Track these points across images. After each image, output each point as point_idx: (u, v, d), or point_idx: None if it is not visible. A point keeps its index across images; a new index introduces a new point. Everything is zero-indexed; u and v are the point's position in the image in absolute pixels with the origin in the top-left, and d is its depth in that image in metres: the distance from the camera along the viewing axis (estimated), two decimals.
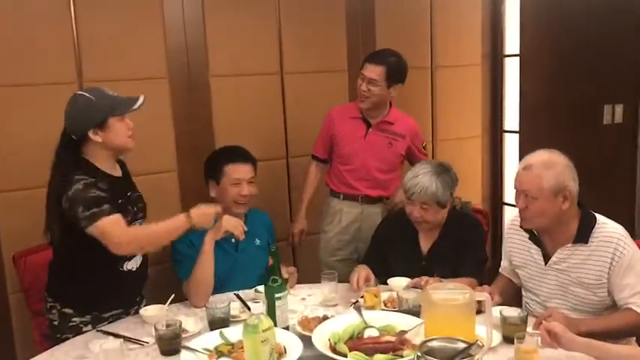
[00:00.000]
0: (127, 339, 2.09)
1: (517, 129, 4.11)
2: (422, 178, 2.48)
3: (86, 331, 2.22)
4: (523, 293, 2.38)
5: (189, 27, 3.27)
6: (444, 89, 4.17)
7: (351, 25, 3.75)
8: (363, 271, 2.39)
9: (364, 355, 1.77)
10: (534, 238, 2.25)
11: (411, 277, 2.44)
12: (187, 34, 3.27)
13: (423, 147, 3.21)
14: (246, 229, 2.39)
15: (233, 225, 2.34)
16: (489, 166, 4.50)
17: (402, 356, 1.74)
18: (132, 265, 2.31)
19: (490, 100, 4.41)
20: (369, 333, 1.93)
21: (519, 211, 2.19)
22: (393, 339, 1.83)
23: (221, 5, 3.33)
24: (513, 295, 2.46)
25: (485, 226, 3.03)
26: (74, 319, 2.24)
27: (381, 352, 1.78)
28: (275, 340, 1.65)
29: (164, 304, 2.28)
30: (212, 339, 1.96)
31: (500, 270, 2.49)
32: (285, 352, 1.84)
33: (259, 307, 1.65)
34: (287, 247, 3.43)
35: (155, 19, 3.17)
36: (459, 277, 2.43)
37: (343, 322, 2.00)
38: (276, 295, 2.04)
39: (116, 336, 2.11)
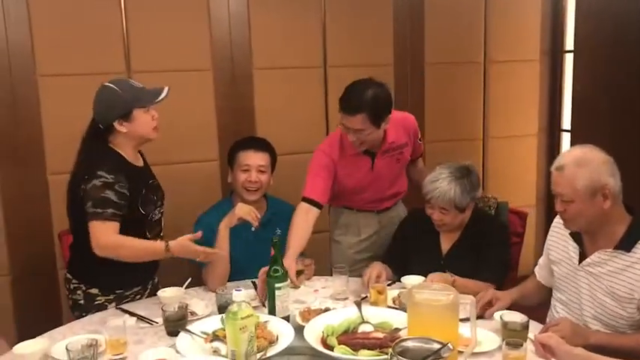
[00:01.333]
0: (139, 317, 2.21)
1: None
2: (441, 183, 2.43)
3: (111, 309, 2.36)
4: (552, 294, 2.27)
5: (234, 20, 3.36)
6: (498, 85, 4.05)
7: (398, 17, 3.72)
8: (375, 269, 2.37)
9: (350, 350, 1.78)
10: (576, 235, 2.12)
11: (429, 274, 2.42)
12: (232, 27, 3.36)
13: (419, 140, 2.88)
14: (259, 216, 2.43)
15: (245, 212, 2.41)
16: (545, 167, 4.32)
17: (387, 353, 1.74)
18: None
19: (548, 97, 4.23)
20: (364, 328, 1.93)
21: (560, 214, 2.08)
22: (381, 336, 1.83)
23: (266, 0, 3.40)
24: (542, 299, 2.36)
25: (521, 228, 2.93)
26: (99, 298, 2.38)
27: (368, 348, 1.79)
28: (254, 329, 1.69)
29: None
30: (213, 323, 2.03)
31: (534, 270, 2.39)
32: (277, 341, 1.89)
33: (241, 295, 1.69)
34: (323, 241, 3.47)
35: (201, 12, 3.29)
36: (477, 278, 2.39)
37: (341, 315, 2.02)
38: (276, 285, 2.09)
39: (131, 314, 2.24)
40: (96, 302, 2.39)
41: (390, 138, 2.68)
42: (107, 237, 2.21)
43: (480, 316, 2.09)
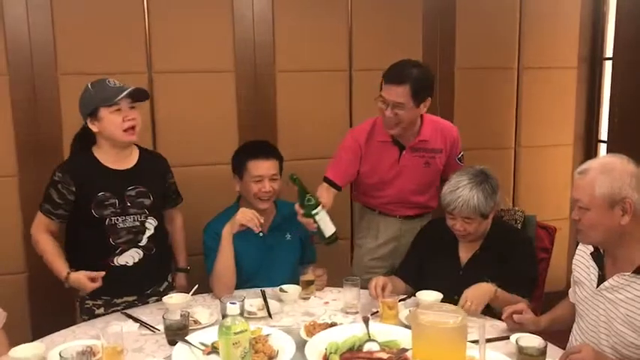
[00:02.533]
0: (142, 324, 2.15)
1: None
2: (462, 191, 2.32)
3: (99, 314, 2.35)
4: (575, 317, 2.11)
5: (258, 21, 3.30)
6: (532, 92, 3.88)
7: (428, 20, 3.59)
8: (380, 279, 2.28)
9: None
10: (596, 255, 1.98)
11: (447, 287, 2.31)
12: (256, 27, 3.30)
13: (459, 158, 2.79)
14: (262, 220, 2.37)
15: (247, 218, 2.34)
16: None
17: None
18: (125, 260, 2.38)
19: (585, 106, 4.04)
20: (369, 347, 1.83)
21: (575, 224, 1.93)
22: (385, 356, 1.72)
23: (290, 1, 3.33)
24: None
25: (549, 244, 2.79)
26: (87, 302, 2.37)
27: None
28: (248, 344, 1.61)
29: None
30: (214, 334, 1.94)
31: (569, 292, 2.21)
32: (277, 356, 1.80)
33: (235, 309, 1.61)
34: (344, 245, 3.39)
35: (224, 13, 3.24)
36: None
37: (347, 332, 1.92)
38: (313, 213, 2.32)
39: (135, 320, 2.19)
40: (85, 305, 2.39)
41: (424, 135, 2.64)
42: (35, 228, 2.40)
43: (497, 338, 1.99)
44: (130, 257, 2.38)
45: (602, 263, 1.95)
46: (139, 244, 2.40)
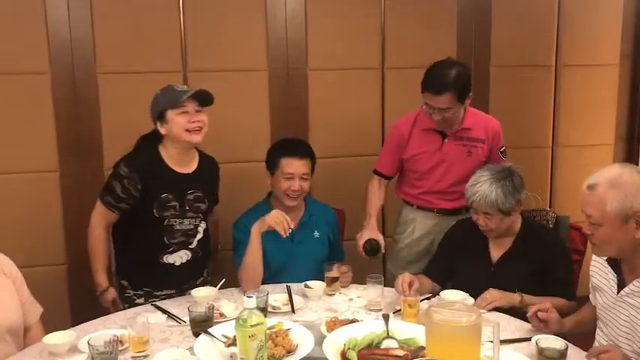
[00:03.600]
0: (169, 315, 2.22)
1: None
2: (481, 186, 2.32)
3: (139, 304, 2.40)
4: (597, 322, 2.08)
5: (291, 20, 3.33)
6: (571, 90, 3.80)
7: (463, 17, 3.57)
8: (407, 276, 2.27)
9: None
10: (612, 262, 1.96)
11: (478, 285, 2.30)
12: (288, 26, 3.34)
13: (502, 152, 2.79)
14: (292, 226, 2.39)
15: (276, 221, 2.36)
16: None
17: None
18: (174, 259, 2.45)
19: (628, 104, 3.93)
20: (388, 344, 1.84)
21: (588, 238, 1.92)
22: (402, 354, 1.73)
23: (323, 0, 3.35)
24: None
25: (582, 245, 2.72)
26: (128, 291, 2.45)
27: None
28: (264, 337, 1.64)
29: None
30: None
31: (590, 297, 2.19)
32: (296, 350, 1.83)
33: (252, 302, 1.64)
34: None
35: (258, 12, 3.29)
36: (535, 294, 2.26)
37: (366, 328, 1.93)
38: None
39: (163, 311, 2.26)
40: (126, 294, 2.46)
41: (467, 123, 2.71)
42: (95, 217, 2.43)
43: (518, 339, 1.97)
44: (178, 257, 2.46)
45: (619, 270, 1.92)
46: (190, 246, 2.48)
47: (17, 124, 3.05)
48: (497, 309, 2.21)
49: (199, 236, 2.50)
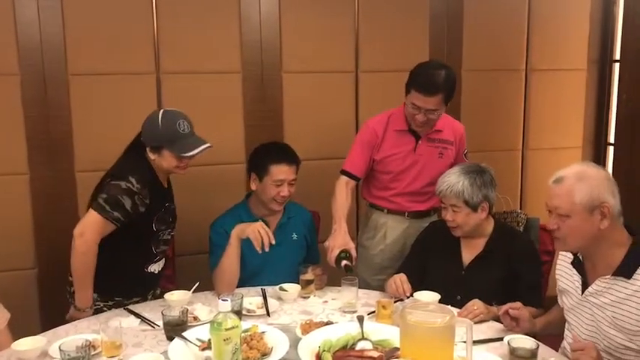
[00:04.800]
0: (143, 319, 2.20)
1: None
2: (450, 177, 2.41)
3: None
4: (565, 324, 2.13)
5: (265, 23, 3.33)
6: (540, 94, 3.88)
7: (435, 22, 3.61)
8: (403, 277, 2.34)
9: None
10: (577, 262, 2.01)
11: (449, 287, 2.33)
12: (263, 29, 3.33)
13: (465, 155, 2.87)
14: (273, 242, 2.37)
15: (255, 236, 2.36)
16: None
17: None
18: (155, 268, 2.49)
19: (595, 108, 4.02)
20: (362, 345, 1.85)
21: (552, 232, 1.95)
22: (376, 355, 1.74)
23: (297, 2, 3.36)
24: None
25: (550, 246, 2.78)
26: (98, 302, 2.40)
27: None
28: (239, 340, 1.64)
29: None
30: None
31: (558, 299, 2.24)
32: (271, 353, 1.83)
33: (227, 306, 1.64)
34: None
35: (232, 14, 3.27)
36: (507, 300, 2.26)
37: (341, 330, 1.94)
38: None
39: (136, 315, 2.24)
40: (95, 307, 2.39)
41: (439, 125, 2.75)
42: (93, 234, 2.25)
43: (491, 339, 2.00)
44: (158, 266, 2.52)
45: (583, 270, 1.97)
46: (166, 253, 2.56)
47: None
48: None
49: (171, 244, 2.59)
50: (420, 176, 2.77)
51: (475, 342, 1.79)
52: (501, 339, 1.98)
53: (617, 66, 3.87)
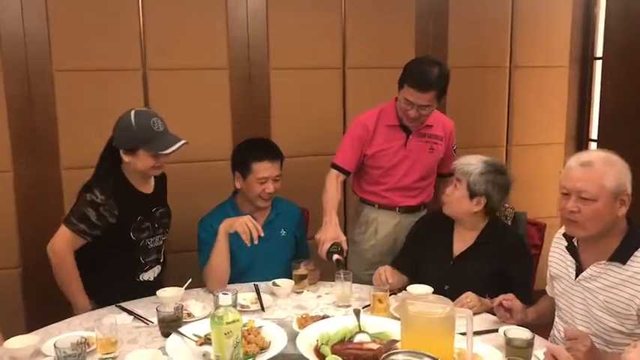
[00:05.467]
0: (136, 316, 2.18)
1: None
2: (472, 159, 2.45)
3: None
4: (555, 311, 2.17)
5: (252, 19, 3.32)
6: (524, 91, 3.93)
7: (421, 19, 3.63)
8: (388, 268, 2.37)
9: (342, 359, 1.71)
10: (571, 248, 2.04)
11: (437, 277, 2.36)
12: (250, 25, 3.32)
13: (454, 150, 2.91)
14: (262, 234, 2.37)
15: (244, 229, 2.36)
16: None
17: None
18: (149, 276, 2.49)
19: (577, 105, 4.09)
20: (360, 338, 1.85)
21: (568, 215, 1.91)
22: (375, 347, 1.75)
23: None
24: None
25: (538, 240, 2.82)
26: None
27: (362, 359, 1.71)
28: (240, 334, 1.63)
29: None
30: (207, 326, 1.97)
31: (546, 289, 2.29)
32: (269, 347, 1.83)
33: (228, 299, 1.63)
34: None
35: (219, 10, 3.26)
36: (496, 293, 2.28)
37: (338, 324, 1.94)
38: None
39: (129, 312, 2.22)
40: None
41: (429, 121, 2.76)
42: (61, 246, 2.31)
43: (486, 331, 2.03)
44: (152, 273, 2.51)
45: (577, 255, 2.00)
46: (160, 260, 2.53)
47: None
48: None
49: (163, 249, 2.56)
50: (410, 171, 2.78)
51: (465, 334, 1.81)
52: (496, 330, 2.01)
53: (598, 63, 3.94)
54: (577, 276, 1.99)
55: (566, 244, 2.07)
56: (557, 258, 2.12)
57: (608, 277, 1.90)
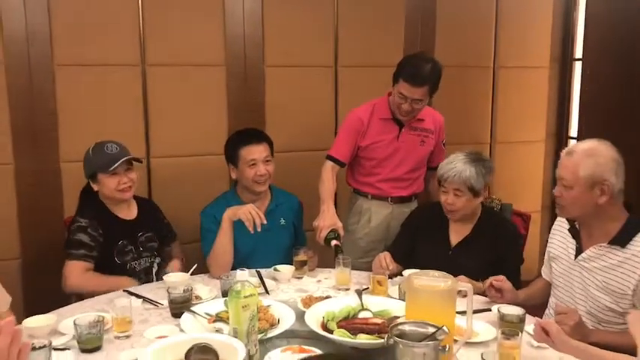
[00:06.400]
0: (145, 299, 2.26)
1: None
2: (457, 164, 2.50)
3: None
4: (551, 291, 2.31)
5: (248, 19, 3.42)
6: (507, 90, 4.09)
7: (410, 20, 3.77)
8: (388, 255, 2.47)
9: (348, 334, 1.82)
10: (573, 230, 2.18)
11: (436, 267, 2.44)
12: (246, 24, 3.42)
13: (444, 143, 3.06)
14: (264, 221, 2.49)
15: (247, 217, 2.48)
16: (552, 173, 4.33)
17: (384, 338, 1.77)
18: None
19: (557, 104, 4.27)
20: (363, 315, 1.98)
21: (556, 198, 2.12)
22: (380, 321, 1.87)
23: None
24: (547, 298, 2.38)
25: (523, 230, 2.96)
26: None
27: (367, 333, 1.83)
28: (256, 308, 1.73)
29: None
30: (217, 306, 2.08)
31: (541, 271, 2.43)
32: (278, 324, 1.93)
33: (245, 275, 1.74)
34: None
35: (216, 9, 3.35)
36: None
37: (342, 303, 2.06)
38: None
39: (137, 296, 2.30)
40: None
41: (421, 114, 2.91)
42: (76, 277, 2.44)
43: (479, 310, 2.15)
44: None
45: (578, 237, 2.14)
46: (151, 281, 2.61)
47: None
48: None
49: (156, 269, 2.66)
50: (402, 163, 2.91)
51: (463, 312, 1.94)
52: (489, 310, 2.14)
53: (577, 64, 4.12)
54: (576, 257, 2.13)
55: (568, 226, 2.21)
56: (558, 239, 2.26)
57: (608, 258, 2.04)
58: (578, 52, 4.10)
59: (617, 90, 3.53)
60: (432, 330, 1.55)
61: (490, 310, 2.13)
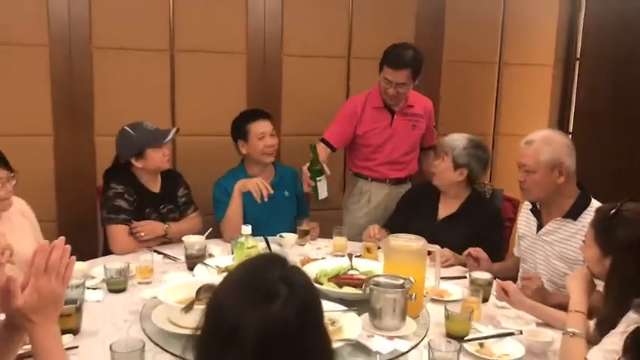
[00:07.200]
0: (165, 255, 2.60)
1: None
2: (457, 135, 2.85)
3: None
4: (520, 265, 2.59)
5: (269, 13, 3.71)
6: (511, 86, 4.32)
7: (420, 18, 4.03)
8: (377, 227, 2.78)
9: (336, 285, 2.12)
10: (534, 209, 2.47)
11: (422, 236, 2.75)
12: (267, 18, 3.71)
13: (434, 127, 3.36)
14: (271, 191, 2.81)
15: (255, 188, 2.80)
16: None
17: None
18: None
19: (559, 102, 4.48)
20: (351, 273, 2.27)
21: (519, 184, 2.40)
22: (364, 277, 2.16)
23: None
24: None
25: (512, 214, 3.21)
26: None
27: (351, 286, 2.13)
28: None
29: None
30: (226, 261, 2.40)
31: (513, 250, 2.71)
32: None
33: (248, 229, 2.04)
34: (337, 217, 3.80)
35: (239, 5, 3.65)
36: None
37: (334, 263, 2.36)
38: (317, 178, 2.78)
39: (158, 252, 2.63)
40: None
41: (410, 101, 3.20)
42: (124, 240, 2.68)
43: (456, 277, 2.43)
44: None
45: (539, 215, 2.41)
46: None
47: (17, 91, 3.32)
48: None
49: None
50: (397, 147, 3.21)
51: (443, 278, 2.23)
52: (465, 277, 2.42)
53: (579, 63, 4.33)
54: (538, 231, 2.41)
55: (530, 207, 2.48)
56: (523, 220, 2.56)
57: (563, 231, 2.33)
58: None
59: (612, 91, 3.75)
60: (402, 281, 1.85)
61: (466, 277, 2.41)
